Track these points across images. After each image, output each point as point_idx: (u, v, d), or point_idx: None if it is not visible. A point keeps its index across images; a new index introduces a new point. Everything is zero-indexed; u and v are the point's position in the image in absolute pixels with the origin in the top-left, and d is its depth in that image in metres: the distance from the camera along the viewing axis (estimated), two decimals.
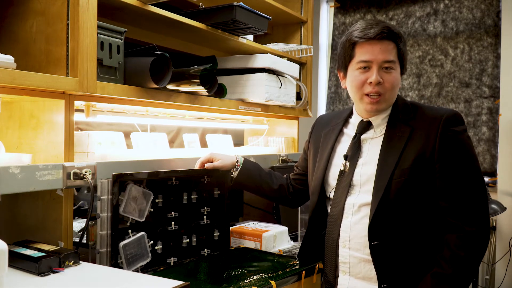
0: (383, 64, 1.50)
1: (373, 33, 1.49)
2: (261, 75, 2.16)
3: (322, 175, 1.66)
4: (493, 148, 3.52)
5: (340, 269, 1.56)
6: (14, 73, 1.27)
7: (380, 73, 1.50)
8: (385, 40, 1.50)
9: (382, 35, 1.49)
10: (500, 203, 3.00)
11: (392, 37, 1.51)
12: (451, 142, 1.48)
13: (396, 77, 1.53)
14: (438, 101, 3.70)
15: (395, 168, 1.47)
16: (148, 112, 1.99)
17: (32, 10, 1.46)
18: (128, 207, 1.54)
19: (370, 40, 1.49)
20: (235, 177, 1.84)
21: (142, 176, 1.59)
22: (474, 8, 3.59)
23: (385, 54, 1.49)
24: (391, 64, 1.50)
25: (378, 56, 1.49)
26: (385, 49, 1.50)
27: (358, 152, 1.58)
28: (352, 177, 1.56)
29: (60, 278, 1.21)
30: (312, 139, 1.81)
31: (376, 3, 3.95)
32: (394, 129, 1.54)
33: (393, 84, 1.52)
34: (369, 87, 1.51)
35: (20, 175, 1.30)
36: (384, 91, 1.51)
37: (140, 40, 1.98)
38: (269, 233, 1.99)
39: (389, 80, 1.51)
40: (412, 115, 1.54)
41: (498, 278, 3.36)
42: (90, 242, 1.56)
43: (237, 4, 1.88)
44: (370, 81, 1.50)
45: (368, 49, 1.50)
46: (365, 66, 1.51)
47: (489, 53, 3.54)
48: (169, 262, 1.67)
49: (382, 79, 1.50)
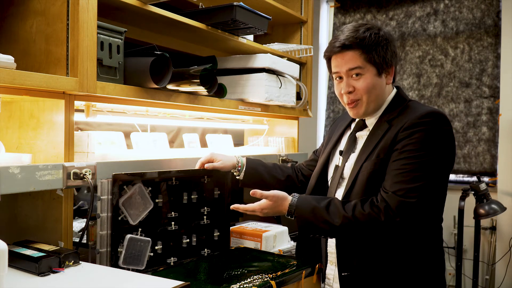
0: (350, 73, 1.56)
1: (336, 46, 1.56)
2: (261, 75, 2.16)
3: (321, 166, 1.75)
4: (493, 148, 3.52)
5: (328, 259, 1.65)
6: (14, 73, 1.27)
7: (349, 82, 1.56)
8: (347, 51, 1.54)
9: (342, 47, 1.55)
10: (500, 203, 3.00)
11: (356, 45, 1.53)
12: (412, 133, 1.47)
13: (368, 81, 1.55)
14: (438, 101, 3.70)
15: (364, 161, 1.54)
16: (148, 112, 1.99)
17: (32, 10, 1.46)
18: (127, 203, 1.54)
19: (335, 54, 1.57)
20: (242, 179, 1.86)
21: (142, 176, 1.59)
22: (474, 8, 3.59)
23: (349, 63, 1.55)
24: (357, 70, 1.54)
25: (343, 67, 1.56)
26: (349, 58, 1.55)
27: (351, 148, 1.64)
28: (343, 171, 1.63)
29: (60, 278, 1.21)
30: (330, 129, 1.89)
31: (376, 3, 3.95)
32: (377, 127, 1.59)
33: (366, 88, 1.55)
34: (345, 97, 1.59)
35: (20, 175, 1.30)
36: (359, 96, 1.57)
37: (140, 40, 1.98)
38: (269, 233, 1.99)
39: (360, 86, 1.55)
40: (396, 115, 1.56)
41: (498, 278, 3.36)
42: (90, 242, 1.57)
43: (237, 4, 1.88)
44: (342, 92, 1.58)
45: (336, 62, 1.58)
46: (339, 77, 1.59)
47: (489, 53, 3.54)
48: (169, 262, 1.67)
49: (354, 87, 1.56)
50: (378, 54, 1.53)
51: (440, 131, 1.48)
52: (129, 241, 1.52)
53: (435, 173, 1.46)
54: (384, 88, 1.59)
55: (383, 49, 1.54)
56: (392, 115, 1.57)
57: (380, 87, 1.57)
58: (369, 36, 1.53)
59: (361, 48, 1.53)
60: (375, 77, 1.55)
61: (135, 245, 1.54)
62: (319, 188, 1.74)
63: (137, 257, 1.55)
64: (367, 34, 1.53)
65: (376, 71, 1.55)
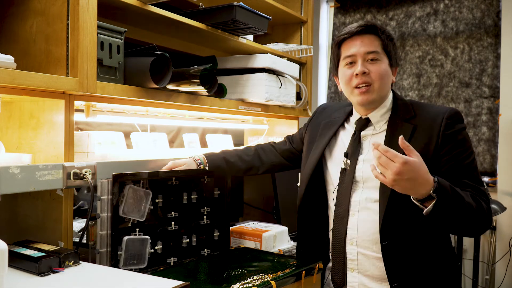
0: (367, 56, 1.54)
1: (353, 27, 1.56)
2: (261, 75, 2.16)
3: (312, 167, 1.69)
4: (493, 148, 3.52)
5: (348, 266, 1.59)
6: (14, 73, 1.27)
7: (365, 65, 1.54)
8: (366, 34, 1.55)
9: (361, 29, 1.55)
10: (500, 203, 3.00)
11: (373, 30, 1.55)
12: (454, 139, 1.50)
13: (383, 67, 1.55)
14: (438, 101, 3.70)
15: None
16: (148, 112, 1.99)
17: (32, 10, 1.46)
18: (127, 208, 1.54)
19: (351, 36, 1.56)
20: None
21: (142, 176, 1.59)
22: (474, 8, 3.59)
23: (367, 46, 1.54)
24: (375, 55, 1.54)
25: (361, 48, 1.54)
26: (367, 41, 1.54)
27: (358, 149, 1.60)
28: (354, 173, 1.57)
29: (60, 278, 1.21)
30: (310, 126, 1.84)
31: (376, 3, 3.95)
32: (396, 127, 1.55)
33: (380, 74, 1.54)
34: (356, 79, 1.54)
35: (20, 175, 1.30)
36: (372, 80, 1.54)
37: (140, 40, 1.98)
38: (269, 233, 1.99)
39: (375, 70, 1.54)
40: (413, 114, 1.55)
41: (498, 278, 3.36)
42: (90, 242, 1.57)
43: (237, 4, 1.88)
44: (356, 73, 1.54)
45: (351, 45, 1.56)
46: (351, 62, 1.56)
47: (489, 53, 3.54)
48: (169, 262, 1.67)
49: (368, 70, 1.53)
50: (392, 46, 1.58)
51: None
52: (127, 243, 1.52)
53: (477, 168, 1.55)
54: (390, 82, 1.60)
55: (394, 45, 1.59)
56: (409, 114, 1.56)
57: (389, 79, 1.58)
58: (386, 29, 1.59)
59: (379, 34, 1.55)
60: (388, 67, 1.57)
61: (133, 246, 1.54)
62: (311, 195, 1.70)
63: (137, 257, 1.55)
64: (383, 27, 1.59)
65: (388, 62, 1.56)
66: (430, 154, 1.48)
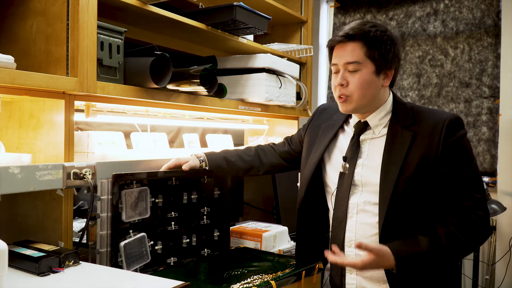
0: (348, 67, 1.52)
1: (339, 35, 1.53)
2: (261, 75, 2.16)
3: (312, 170, 1.69)
4: (493, 148, 3.52)
5: (347, 268, 1.58)
6: (14, 73, 1.27)
7: (344, 75, 1.52)
8: (349, 42, 1.51)
9: (345, 37, 1.51)
10: (500, 203, 3.00)
11: (358, 37, 1.50)
12: (455, 147, 1.50)
13: (364, 77, 1.51)
14: (438, 101, 3.70)
15: (399, 176, 1.49)
16: (148, 112, 1.99)
17: (32, 10, 1.46)
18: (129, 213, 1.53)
19: (337, 43, 1.54)
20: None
21: (142, 176, 1.59)
22: (474, 8, 3.59)
23: (347, 56, 1.51)
24: (354, 65, 1.51)
25: (341, 60, 1.52)
26: (349, 50, 1.51)
27: (357, 153, 1.59)
28: (353, 177, 1.57)
29: (60, 278, 1.21)
30: (310, 127, 1.82)
31: (376, 3, 3.95)
32: (396, 134, 1.54)
33: (360, 84, 1.51)
34: (337, 90, 1.55)
35: (20, 175, 1.30)
36: (349, 92, 1.52)
37: (140, 40, 1.98)
38: (269, 233, 1.99)
39: (353, 81, 1.52)
40: (413, 120, 1.54)
41: (498, 278, 3.36)
42: (90, 242, 1.56)
43: (237, 4, 1.88)
44: (335, 84, 1.55)
45: (335, 53, 1.55)
46: (336, 70, 1.55)
47: (489, 53, 3.53)
48: (169, 262, 1.67)
49: (347, 81, 1.52)
50: (379, 51, 1.50)
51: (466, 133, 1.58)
52: (124, 248, 1.51)
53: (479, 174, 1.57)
54: (380, 89, 1.55)
55: (385, 48, 1.51)
56: (409, 121, 1.55)
57: (375, 86, 1.53)
58: (375, 32, 1.51)
59: (364, 41, 1.50)
60: (372, 75, 1.51)
61: (132, 247, 1.54)
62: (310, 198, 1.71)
63: (139, 255, 1.55)
64: (373, 29, 1.51)
65: (374, 69, 1.51)
66: (431, 162, 1.49)
